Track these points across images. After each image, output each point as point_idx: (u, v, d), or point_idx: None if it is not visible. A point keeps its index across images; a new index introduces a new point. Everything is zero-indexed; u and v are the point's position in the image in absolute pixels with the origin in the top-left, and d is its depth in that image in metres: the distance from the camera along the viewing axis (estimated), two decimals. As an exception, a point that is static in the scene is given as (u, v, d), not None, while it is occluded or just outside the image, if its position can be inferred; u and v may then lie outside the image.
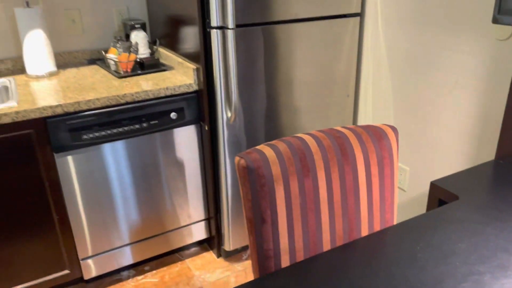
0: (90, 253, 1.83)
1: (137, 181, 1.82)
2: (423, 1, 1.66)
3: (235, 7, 1.63)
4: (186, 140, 1.88)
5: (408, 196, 1.91)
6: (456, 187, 1.10)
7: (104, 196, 1.77)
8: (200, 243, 2.19)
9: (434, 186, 1.14)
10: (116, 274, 2.00)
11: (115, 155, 1.73)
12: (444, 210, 0.98)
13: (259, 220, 0.97)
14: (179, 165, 1.90)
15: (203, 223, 2.08)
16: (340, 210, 1.05)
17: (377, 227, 1.10)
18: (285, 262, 0.99)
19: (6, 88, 1.79)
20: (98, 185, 1.74)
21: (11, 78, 1.85)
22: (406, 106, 1.86)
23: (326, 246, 1.04)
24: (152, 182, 1.86)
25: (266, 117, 1.88)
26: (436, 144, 1.75)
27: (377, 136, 1.08)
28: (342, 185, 1.04)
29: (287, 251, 1.00)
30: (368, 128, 1.10)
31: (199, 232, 2.09)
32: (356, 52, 2.02)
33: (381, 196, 1.10)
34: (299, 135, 1.05)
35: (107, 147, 1.70)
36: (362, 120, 2.14)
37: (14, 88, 1.71)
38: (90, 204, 1.75)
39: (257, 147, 0.99)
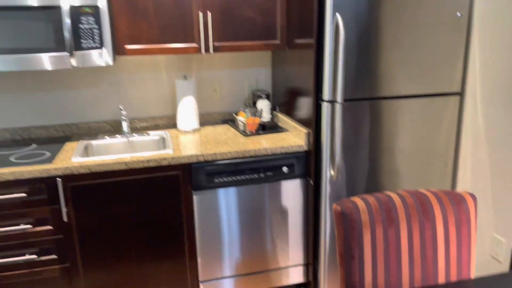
0: (209, 277, 2.21)
1: (250, 221, 2.19)
2: (519, 84, 1.82)
3: (344, 84, 1.99)
4: (293, 191, 2.21)
5: (503, 268, 1.94)
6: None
7: (225, 229, 2.16)
8: (297, 286, 2.43)
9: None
10: (224, 301, 2.34)
11: (237, 197, 2.14)
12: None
13: (349, 256, 1.23)
14: (285, 212, 2.23)
15: (301, 267, 2.34)
16: (419, 259, 1.26)
17: (453, 279, 1.27)
18: (368, 294, 1.23)
19: (163, 139, 2.36)
20: (222, 220, 2.15)
21: (166, 131, 2.44)
22: (504, 180, 1.95)
23: (405, 285, 1.25)
24: (261, 224, 2.21)
25: (366, 177, 2.14)
26: (534, 218, 1.80)
27: (456, 200, 1.29)
28: (421, 237, 1.26)
29: (371, 285, 1.23)
30: (449, 193, 1.31)
31: (297, 276, 2.35)
32: (456, 127, 2.19)
33: (458, 252, 1.27)
34: (387, 192, 1.31)
35: (232, 190, 2.12)
36: (460, 189, 2.26)
37: (169, 139, 2.26)
38: (214, 235, 2.16)
39: (351, 198, 1.28)
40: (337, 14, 1.88)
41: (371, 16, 1.93)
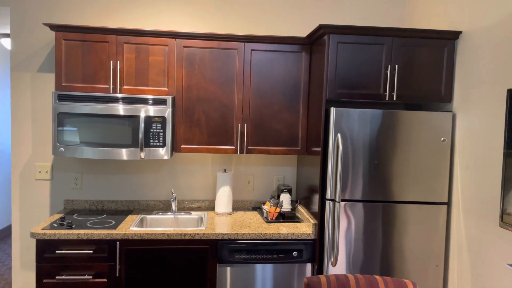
0: None
1: (262, 296, 2.61)
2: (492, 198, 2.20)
3: (342, 187, 2.48)
4: (301, 273, 2.63)
5: None
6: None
7: (240, 300, 2.60)
8: None
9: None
10: None
11: (254, 273, 2.59)
12: None
13: (311, 319, 1.65)
14: (294, 292, 2.63)
15: None
16: (366, 329, 1.63)
17: None
18: None
19: (201, 218, 2.94)
20: (238, 292, 2.60)
21: (205, 212, 3.03)
22: (480, 283, 2.24)
23: None
24: (273, 299, 2.62)
25: (362, 268, 2.51)
26: (502, 319, 2.05)
27: (400, 285, 1.68)
28: (369, 312, 1.65)
29: None
30: (395, 280, 1.71)
31: None
32: (445, 232, 2.54)
33: (399, 328, 1.63)
34: (347, 274, 1.74)
35: (249, 266, 2.59)
36: (450, 285, 2.53)
37: (205, 219, 2.84)
38: (230, 304, 2.60)
39: (319, 275, 1.72)
40: (338, 135, 2.45)
41: (368, 137, 2.47)
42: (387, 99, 2.53)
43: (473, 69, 2.38)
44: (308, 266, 2.63)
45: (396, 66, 2.52)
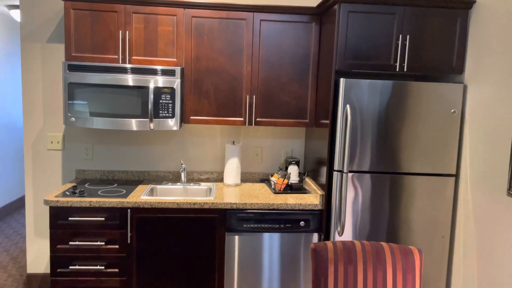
0: (230, 306, 2.69)
1: (269, 263, 2.66)
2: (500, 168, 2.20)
3: (350, 159, 2.49)
4: (307, 243, 2.67)
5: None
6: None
7: (250, 267, 2.66)
8: (308, 329, 2.79)
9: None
10: (243, 331, 2.77)
11: (261, 242, 2.65)
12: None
13: (317, 283, 1.69)
14: (298, 260, 2.68)
15: (312, 312, 2.72)
16: (371, 293, 1.67)
17: (397, 313, 1.66)
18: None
19: (210, 189, 2.98)
20: (248, 259, 2.65)
21: (214, 183, 3.07)
22: (488, 257, 2.26)
23: (357, 312, 1.66)
24: (277, 266, 2.67)
25: (367, 238, 2.55)
26: None
27: (405, 252, 1.71)
28: (374, 276, 1.68)
29: (331, 307, 1.67)
30: (401, 246, 1.74)
31: (308, 319, 2.73)
32: (452, 204, 2.55)
33: (404, 293, 1.67)
34: (353, 240, 1.77)
35: (257, 235, 2.64)
36: (456, 255, 2.56)
37: (214, 190, 2.88)
38: (241, 271, 2.66)
39: (326, 241, 1.76)
40: (347, 106, 2.45)
41: (377, 108, 2.46)
42: (397, 70, 2.50)
43: (486, 40, 2.34)
44: (315, 235, 2.67)
45: (408, 36, 2.48)
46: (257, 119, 2.87)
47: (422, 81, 2.49)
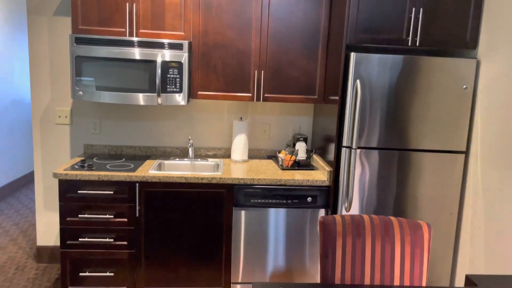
0: (239, 280, 2.72)
1: (275, 237, 2.68)
2: None
3: (359, 135, 2.47)
4: (313, 219, 2.68)
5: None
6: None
7: (256, 241, 2.68)
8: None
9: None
10: (250, 304, 2.81)
11: (268, 217, 2.66)
12: None
13: (325, 255, 1.70)
14: (304, 235, 2.69)
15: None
16: (379, 265, 1.68)
17: (406, 283, 1.67)
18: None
19: (217, 165, 2.98)
20: (255, 233, 2.67)
21: (221, 159, 3.07)
22: (496, 233, 2.26)
23: (367, 281, 1.67)
24: (282, 241, 2.69)
25: (374, 213, 2.55)
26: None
27: (414, 226, 1.71)
28: (382, 249, 1.69)
29: (339, 279, 1.68)
30: (409, 221, 1.73)
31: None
32: (461, 181, 2.54)
33: (411, 266, 1.68)
34: (362, 214, 1.77)
35: (264, 210, 2.65)
36: (463, 232, 2.56)
37: (222, 165, 2.88)
38: (247, 245, 2.68)
39: (334, 215, 1.75)
40: (357, 81, 2.41)
41: (388, 83, 2.43)
42: (409, 44, 2.45)
43: (502, 14, 2.28)
44: (322, 211, 2.68)
45: (421, 9, 2.42)
46: (265, 95, 2.85)
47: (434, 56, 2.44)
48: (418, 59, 2.42)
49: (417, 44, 2.45)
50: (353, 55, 2.40)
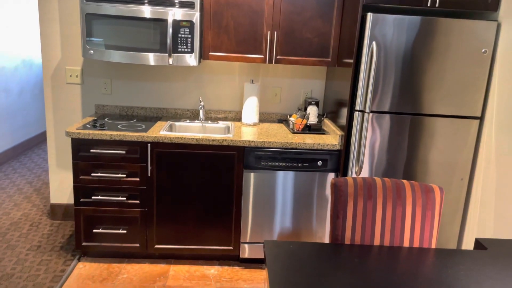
0: (248, 240, 2.78)
1: (285, 200, 2.71)
2: (523, 114, 2.13)
3: (372, 99, 2.44)
4: (323, 182, 2.70)
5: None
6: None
7: (265, 203, 2.72)
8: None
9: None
10: (262, 264, 2.88)
11: (277, 179, 2.68)
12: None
13: (336, 216, 1.72)
14: (312, 197, 2.72)
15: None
16: (390, 227, 1.70)
17: (416, 245, 1.69)
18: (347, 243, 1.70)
19: (228, 127, 2.98)
20: (263, 195, 2.70)
21: (232, 122, 3.06)
22: (505, 200, 2.26)
23: (376, 242, 1.70)
24: (293, 203, 2.72)
25: (384, 177, 2.55)
26: (522, 229, 2.09)
27: (426, 190, 1.71)
28: (393, 211, 1.70)
29: (349, 239, 1.70)
30: (422, 184, 1.73)
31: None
32: (474, 147, 2.52)
33: (421, 229, 1.69)
34: (374, 177, 1.77)
35: (273, 173, 2.67)
36: (473, 197, 2.56)
37: (232, 128, 2.88)
38: (256, 207, 2.72)
39: (346, 177, 1.76)
40: (373, 43, 2.35)
41: (404, 45, 2.37)
42: (429, 4, 2.37)
43: (528, -27, 2.18)
44: (332, 175, 2.69)
45: (442, -32, 2.32)
46: (278, 57, 2.80)
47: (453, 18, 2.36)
48: (436, 21, 2.35)
49: (437, 5, 2.37)
50: (369, 15, 2.33)
